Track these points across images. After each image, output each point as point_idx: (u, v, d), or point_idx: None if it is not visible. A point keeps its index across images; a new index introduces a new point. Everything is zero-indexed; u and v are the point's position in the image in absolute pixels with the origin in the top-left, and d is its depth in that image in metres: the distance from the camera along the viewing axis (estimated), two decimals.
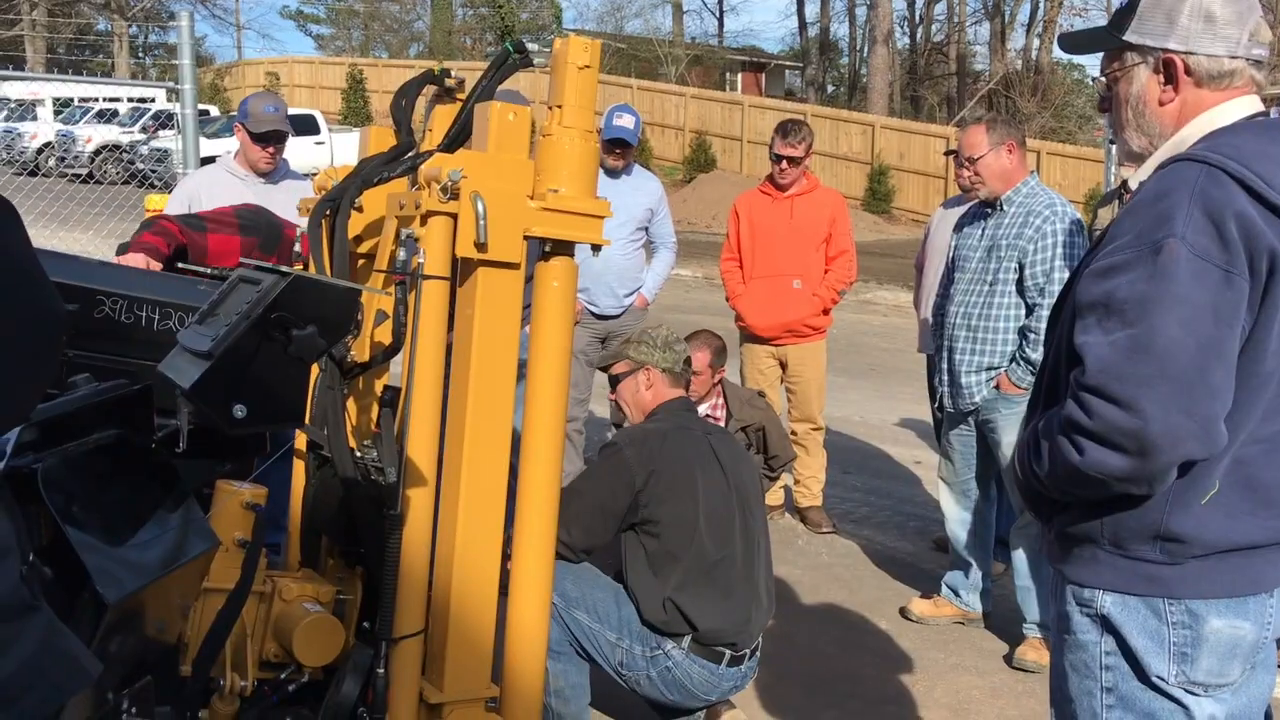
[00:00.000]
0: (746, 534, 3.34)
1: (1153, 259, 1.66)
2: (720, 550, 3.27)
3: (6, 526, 1.18)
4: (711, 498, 3.30)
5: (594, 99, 2.71)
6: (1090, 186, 20.76)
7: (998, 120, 4.44)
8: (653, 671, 3.27)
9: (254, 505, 2.66)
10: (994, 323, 4.19)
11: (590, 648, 3.30)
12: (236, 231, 3.68)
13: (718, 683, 3.30)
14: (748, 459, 3.65)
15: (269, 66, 37.04)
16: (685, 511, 3.26)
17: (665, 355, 3.56)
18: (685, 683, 3.27)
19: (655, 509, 3.26)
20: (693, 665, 3.26)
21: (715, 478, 3.33)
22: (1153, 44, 1.85)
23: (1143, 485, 1.69)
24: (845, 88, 41.01)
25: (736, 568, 3.29)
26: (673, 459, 3.29)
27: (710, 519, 3.27)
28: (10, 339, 1.14)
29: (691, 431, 3.43)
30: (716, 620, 3.24)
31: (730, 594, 3.27)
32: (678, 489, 3.26)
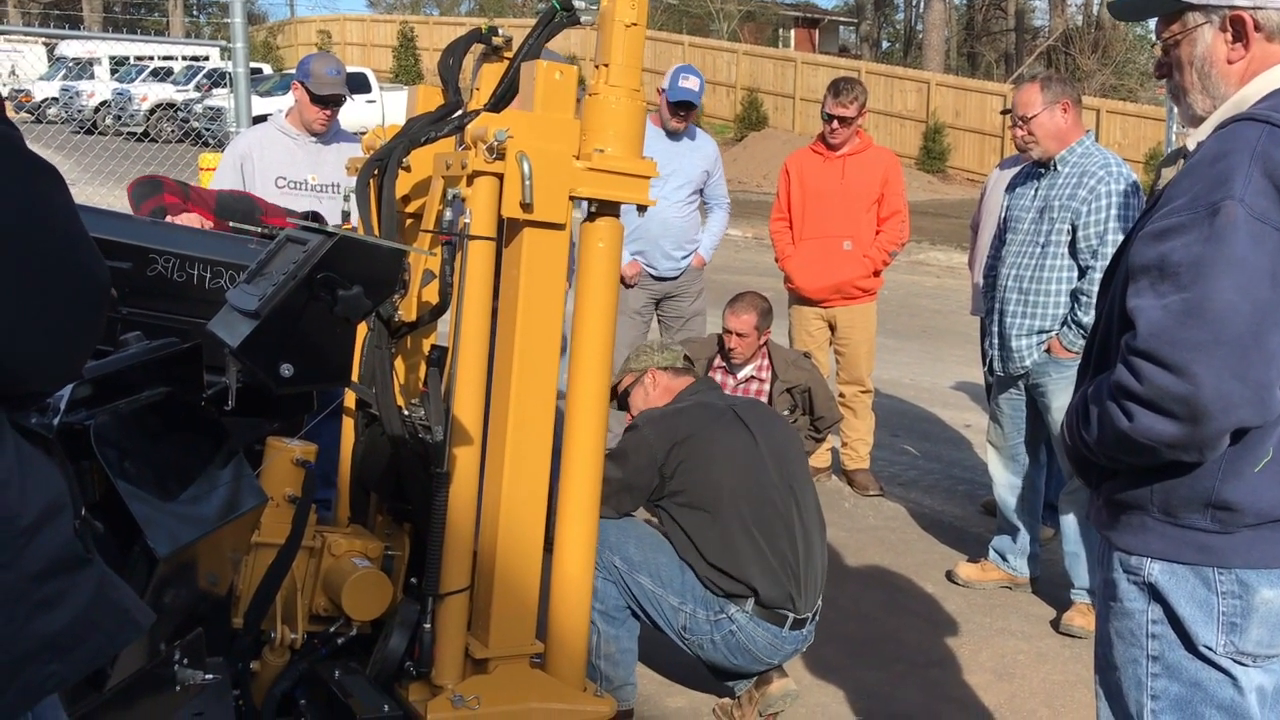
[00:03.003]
0: (785, 492, 3.32)
1: (1209, 221, 1.62)
2: (757, 510, 3.26)
3: (60, 482, 1.20)
4: (739, 460, 3.28)
5: (641, 57, 2.69)
6: (1151, 146, 20.29)
7: (1053, 78, 4.33)
8: (716, 636, 3.27)
9: (304, 461, 2.70)
10: (1046, 285, 4.12)
11: (653, 611, 3.31)
12: (211, 208, 3.78)
13: (780, 645, 3.29)
14: (781, 422, 3.63)
15: (321, 25, 37.16)
16: (712, 477, 3.25)
17: (662, 355, 3.59)
18: (749, 646, 3.27)
19: (682, 479, 3.27)
20: (756, 628, 3.25)
21: (742, 441, 3.32)
22: (1218, 1, 1.78)
23: (1193, 452, 1.66)
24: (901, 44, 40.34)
25: (779, 525, 3.28)
26: (693, 430, 3.30)
27: (741, 481, 3.26)
28: (56, 303, 1.16)
29: (712, 404, 3.44)
30: (769, 578, 3.23)
31: (777, 551, 3.26)
32: (702, 457, 3.26)
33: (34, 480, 1.16)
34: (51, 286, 1.15)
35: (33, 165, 1.16)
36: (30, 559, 1.14)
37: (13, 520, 1.13)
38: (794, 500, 3.33)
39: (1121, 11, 2.00)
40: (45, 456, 1.21)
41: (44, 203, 1.15)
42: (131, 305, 2.59)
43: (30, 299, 1.13)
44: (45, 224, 1.15)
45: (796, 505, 3.33)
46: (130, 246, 2.70)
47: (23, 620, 1.13)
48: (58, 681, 1.18)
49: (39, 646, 1.15)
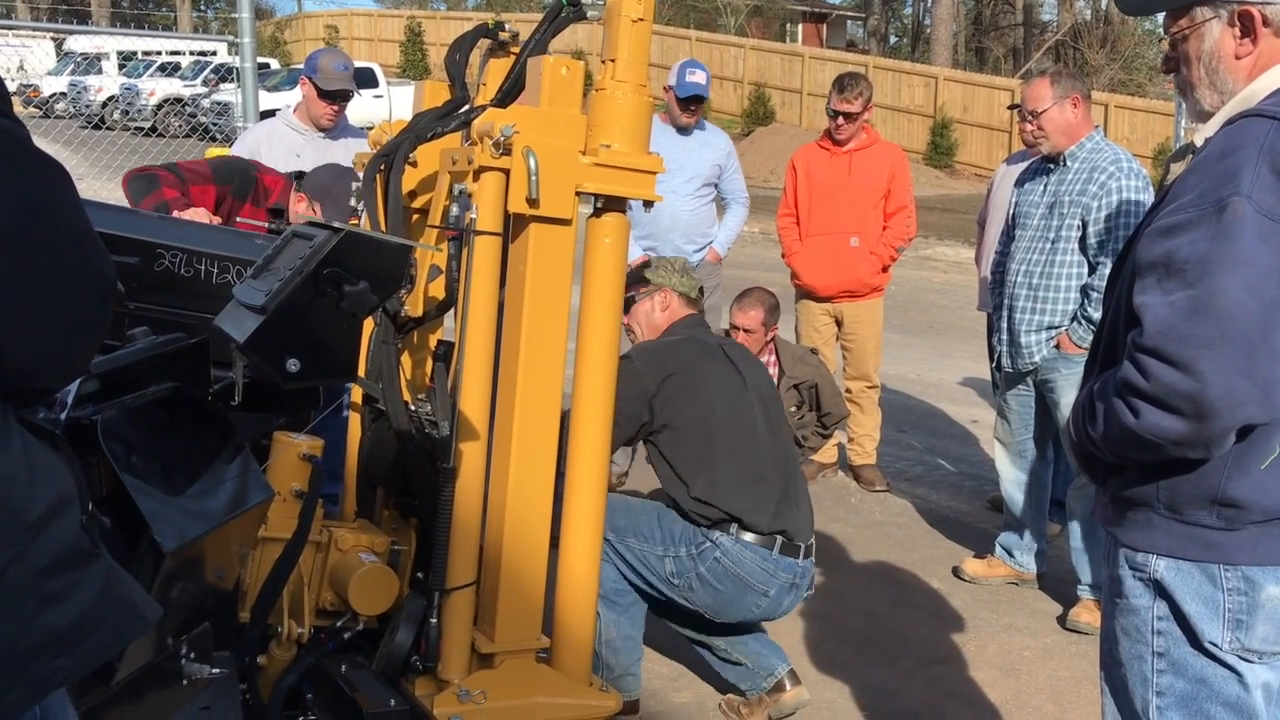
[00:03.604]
0: (770, 429, 3.32)
1: (1216, 218, 1.61)
2: (743, 441, 3.25)
3: (66, 478, 1.21)
4: (726, 395, 3.28)
5: (648, 52, 2.69)
6: (1160, 141, 20.21)
7: (1063, 73, 4.32)
8: (701, 568, 3.22)
9: (311, 456, 2.71)
10: (1055, 281, 4.11)
11: (644, 570, 3.29)
12: (211, 181, 3.81)
13: (773, 570, 3.22)
14: (765, 371, 3.65)
15: (328, 19, 37.18)
16: (701, 409, 3.25)
17: (682, 280, 3.54)
18: (738, 570, 3.20)
19: (672, 412, 3.25)
20: (743, 551, 3.20)
21: (730, 378, 3.32)
22: None
23: (1199, 450, 1.66)
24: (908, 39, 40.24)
25: (764, 457, 3.26)
26: (684, 363, 3.29)
27: (728, 414, 3.26)
28: (63, 299, 1.16)
29: (704, 340, 3.44)
30: (753, 503, 3.21)
31: (764, 479, 3.24)
32: (691, 389, 3.26)
33: (41, 475, 1.17)
34: (59, 283, 1.15)
35: (40, 162, 1.17)
36: (38, 553, 1.14)
37: (20, 515, 1.13)
38: (776, 440, 3.34)
39: (1129, 6, 2.00)
40: (52, 452, 1.21)
41: (51, 200, 1.16)
42: (139, 300, 2.60)
43: (38, 296, 1.14)
44: (52, 221, 1.15)
45: (779, 445, 3.34)
46: (137, 241, 2.71)
47: (30, 614, 1.14)
48: (65, 676, 1.19)
49: (47, 641, 1.15)
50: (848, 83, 5.49)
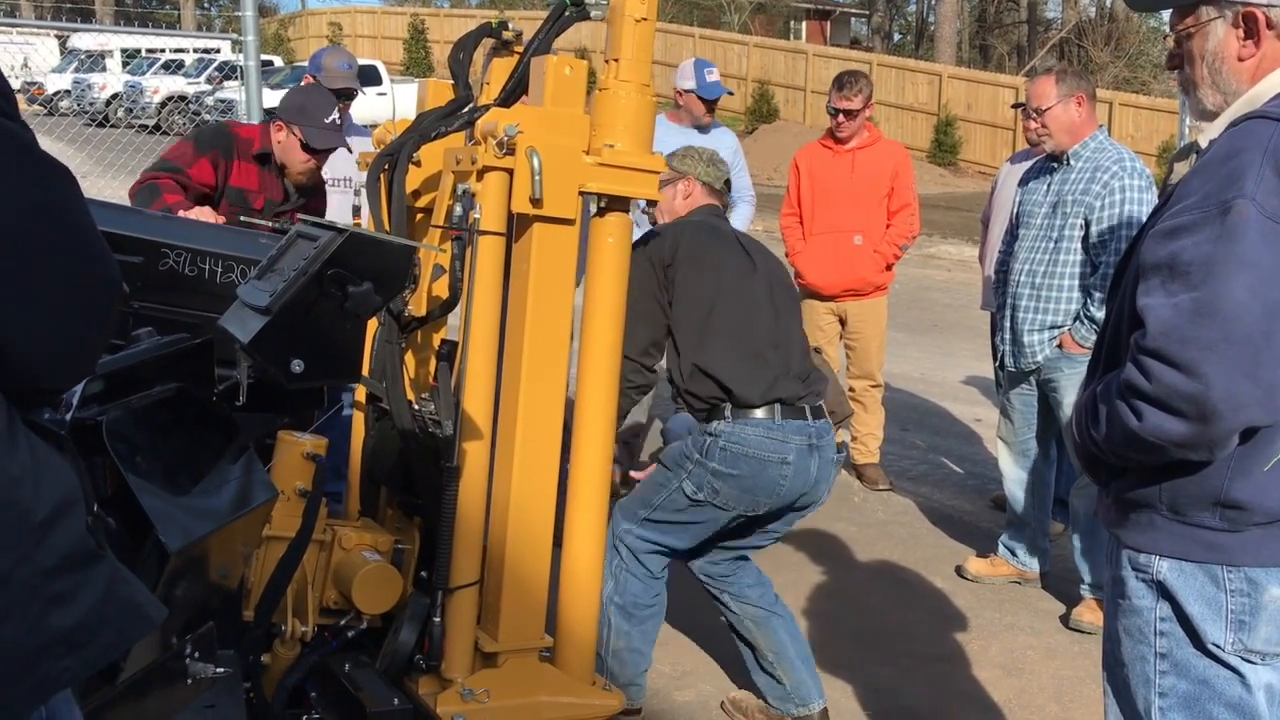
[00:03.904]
0: (775, 313, 3.25)
1: (1220, 220, 1.62)
2: (745, 321, 3.18)
3: (72, 479, 1.21)
4: (734, 275, 3.22)
5: (651, 52, 2.69)
6: (1164, 139, 20.18)
7: (1068, 72, 4.31)
8: (712, 464, 3.11)
9: (314, 456, 2.71)
10: (1058, 280, 4.11)
11: (675, 517, 3.19)
12: (200, 154, 3.84)
13: (781, 436, 3.11)
14: (780, 264, 3.51)
15: (332, 17, 37.19)
16: (706, 284, 3.18)
17: (709, 170, 3.46)
18: (745, 449, 3.10)
19: (679, 284, 3.19)
20: (744, 428, 3.12)
21: (739, 261, 3.26)
22: None
23: (1202, 452, 1.66)
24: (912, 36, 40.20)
25: (764, 337, 3.20)
26: (693, 239, 3.24)
27: (733, 293, 3.20)
28: (68, 301, 1.17)
29: (718, 225, 3.38)
30: (747, 378, 3.13)
31: (761, 357, 3.17)
32: (698, 263, 3.20)
33: (47, 477, 1.17)
34: (64, 285, 1.16)
35: (45, 165, 1.17)
36: (44, 555, 1.15)
37: (27, 516, 1.14)
38: (780, 324, 3.25)
39: (1137, 2, 1.99)
40: (58, 453, 1.22)
41: (58, 202, 1.16)
42: (143, 300, 2.61)
43: (43, 298, 1.14)
44: (59, 224, 1.16)
45: (783, 328, 3.26)
46: (142, 241, 2.72)
47: (36, 616, 1.14)
48: (71, 676, 1.19)
49: (52, 641, 1.16)
50: (847, 80, 5.50)
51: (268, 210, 3.97)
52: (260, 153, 3.95)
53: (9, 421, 1.14)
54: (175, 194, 3.68)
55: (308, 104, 3.98)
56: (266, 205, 3.98)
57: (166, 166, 3.79)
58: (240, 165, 3.89)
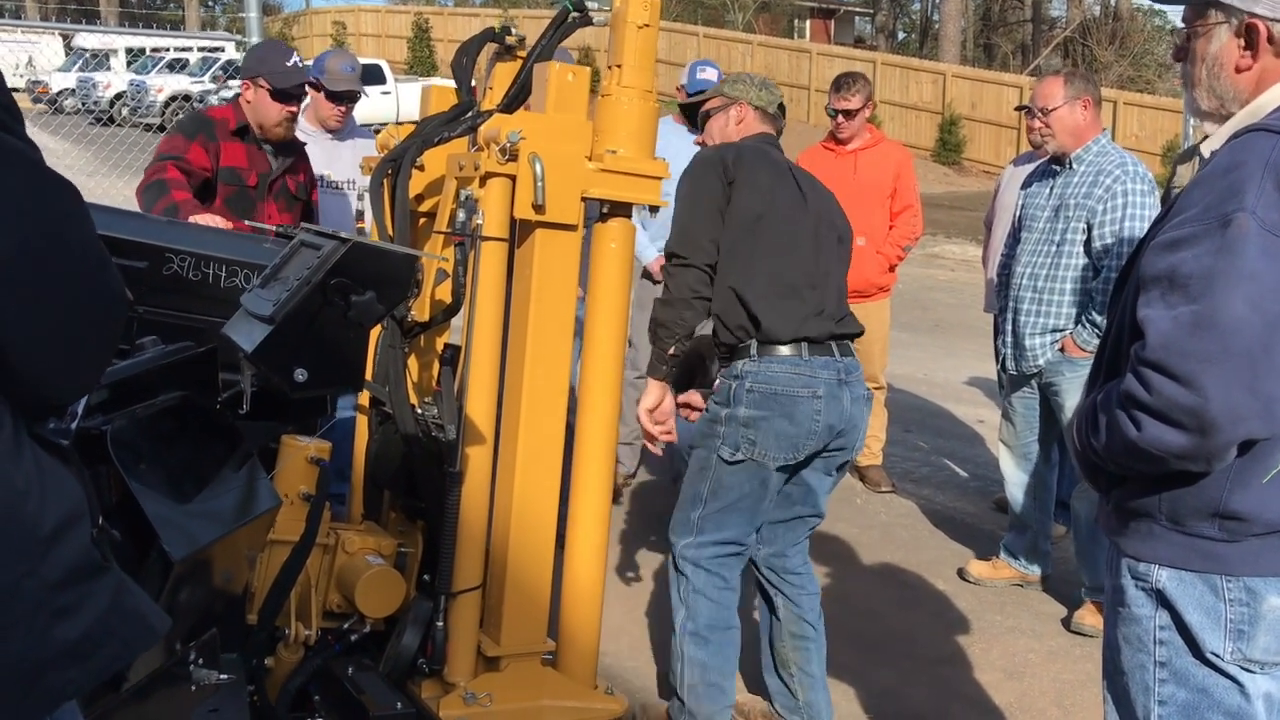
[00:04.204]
0: (816, 250, 3.10)
1: (1221, 233, 1.62)
2: (786, 252, 3.04)
3: (77, 491, 1.22)
4: (784, 205, 3.07)
5: (654, 58, 2.70)
6: (1169, 138, 20.16)
7: (1076, 74, 4.29)
8: (742, 410, 2.98)
9: (318, 460, 2.72)
10: (1060, 284, 4.11)
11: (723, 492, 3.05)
12: (188, 139, 3.87)
13: (809, 370, 2.99)
14: (834, 205, 3.28)
15: (336, 15, 37.20)
16: (754, 207, 3.02)
17: (761, 94, 3.32)
18: (772, 387, 2.97)
19: (733, 201, 3.04)
20: (769, 365, 2.99)
21: (791, 193, 3.11)
22: (1240, 5, 1.77)
23: (1201, 463, 1.66)
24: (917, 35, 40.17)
25: (802, 273, 3.06)
26: (755, 163, 3.08)
27: (779, 222, 3.05)
28: (74, 318, 1.18)
29: (773, 154, 3.20)
30: (777, 314, 2.99)
31: (797, 293, 3.03)
32: (754, 188, 3.04)
33: (53, 490, 1.18)
34: (70, 302, 1.17)
35: (53, 182, 1.18)
36: (50, 567, 1.16)
37: (33, 530, 1.15)
38: (820, 262, 3.11)
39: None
40: (63, 466, 1.23)
41: (64, 220, 1.17)
42: (148, 303, 2.62)
43: (49, 315, 1.15)
44: (65, 241, 1.17)
45: (823, 267, 3.11)
46: (147, 246, 2.72)
47: (42, 628, 1.15)
48: (76, 688, 1.20)
49: (58, 654, 1.17)
50: (844, 81, 5.49)
51: (261, 186, 3.99)
52: (238, 128, 3.98)
53: (15, 435, 1.15)
54: (182, 190, 3.70)
55: (265, 54, 4.07)
56: (260, 181, 4.00)
57: (167, 157, 3.82)
58: (225, 145, 3.94)
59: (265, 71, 3.94)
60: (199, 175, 3.84)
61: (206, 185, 3.88)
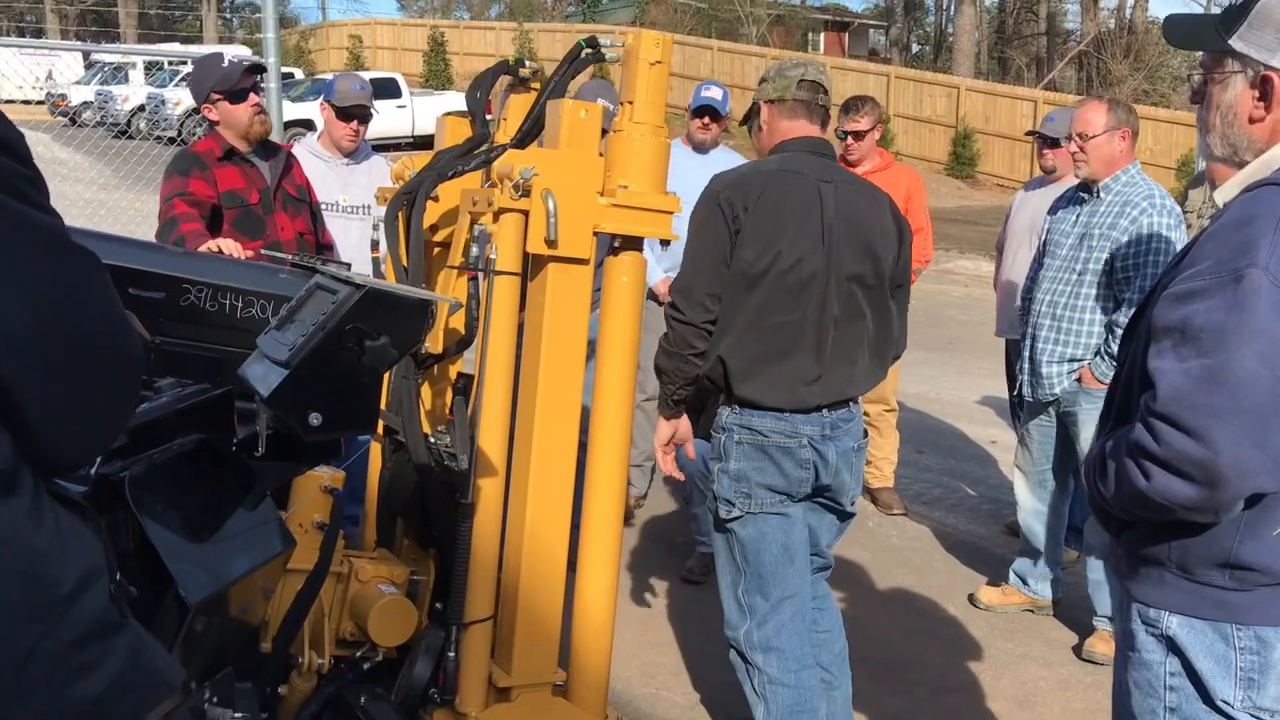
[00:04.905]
0: (826, 307, 2.96)
1: (1233, 288, 1.63)
2: (787, 313, 2.93)
3: (96, 548, 1.25)
4: (794, 255, 2.92)
5: (665, 95, 2.72)
6: (1183, 152, 20.12)
7: (1120, 103, 4.21)
8: (732, 464, 2.96)
9: (332, 489, 2.74)
10: (1079, 314, 4.06)
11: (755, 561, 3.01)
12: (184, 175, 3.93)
13: (791, 424, 2.94)
14: (875, 216, 3.07)
15: (352, 29, 37.42)
16: (756, 265, 2.92)
17: (776, 83, 3.10)
18: (757, 438, 2.95)
19: (741, 250, 2.94)
20: (751, 416, 2.95)
21: (807, 240, 2.93)
22: (1256, 56, 1.77)
23: (1209, 515, 1.67)
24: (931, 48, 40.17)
25: (803, 340, 2.95)
26: (767, 204, 2.92)
27: (780, 281, 2.92)
28: (93, 383, 1.20)
29: (802, 176, 2.98)
30: (764, 381, 2.93)
31: (788, 360, 2.93)
32: (756, 239, 2.92)
33: (72, 548, 1.20)
34: (88, 369, 1.19)
35: (74, 253, 1.21)
36: (69, 626, 1.18)
37: (53, 589, 1.17)
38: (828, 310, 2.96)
39: (1174, 38, 1.97)
40: (82, 522, 1.25)
41: (83, 288, 1.20)
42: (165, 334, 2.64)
43: (69, 381, 1.18)
44: (85, 311, 1.19)
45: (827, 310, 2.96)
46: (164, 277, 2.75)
47: (60, 687, 1.17)
48: None
49: (76, 712, 1.19)
50: (854, 103, 5.49)
51: (265, 200, 4.03)
52: (224, 153, 4.02)
53: (35, 495, 1.17)
54: (190, 221, 3.75)
55: (201, 74, 4.11)
56: (262, 196, 4.04)
57: (172, 195, 3.87)
58: (218, 172, 3.99)
59: (211, 87, 4.02)
60: (206, 204, 3.89)
61: (215, 213, 3.93)
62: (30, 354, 1.12)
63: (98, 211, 9.80)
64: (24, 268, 1.13)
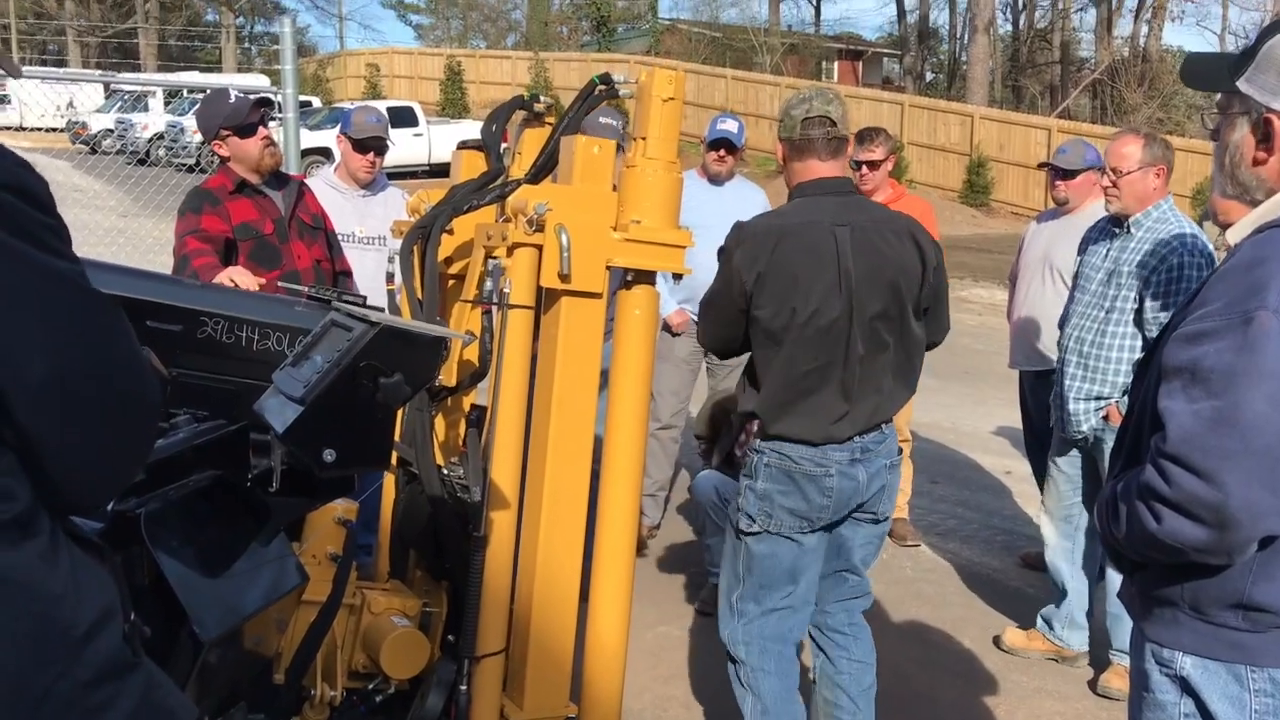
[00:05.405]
0: (849, 349, 3.03)
1: (1243, 330, 1.63)
2: (812, 361, 3.02)
3: (111, 589, 1.26)
4: (811, 308, 3.00)
5: (678, 131, 2.74)
6: (1198, 180, 20.05)
7: (1157, 139, 4.09)
8: (759, 484, 3.06)
9: (346, 521, 2.76)
10: (1107, 351, 3.99)
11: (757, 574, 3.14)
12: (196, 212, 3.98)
13: (821, 454, 3.03)
14: (895, 251, 3.10)
15: (369, 58, 37.76)
16: (775, 323, 3.02)
17: (783, 124, 3.14)
18: (786, 464, 3.04)
19: (757, 310, 3.05)
20: (783, 444, 3.05)
21: (823, 288, 3.00)
22: (1258, 98, 1.79)
23: (1221, 557, 1.67)
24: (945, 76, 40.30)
25: (829, 380, 3.04)
26: (781, 261, 3.01)
27: (804, 328, 3.01)
28: (111, 430, 1.22)
29: (816, 225, 3.04)
30: (794, 423, 3.04)
31: (814, 397, 3.04)
32: (778, 294, 3.01)
33: (87, 589, 1.22)
34: (107, 414, 1.21)
35: (95, 302, 1.23)
36: (83, 667, 1.19)
37: (68, 631, 1.18)
38: (851, 345, 3.04)
39: (1191, 77, 1.98)
40: (98, 563, 1.27)
41: (102, 335, 1.22)
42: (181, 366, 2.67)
43: (87, 427, 1.20)
44: (103, 356, 1.21)
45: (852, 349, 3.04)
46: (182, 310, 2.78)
47: None
48: None
49: None
50: (867, 134, 5.51)
51: (280, 230, 4.06)
52: (235, 186, 4.06)
53: (52, 538, 1.19)
54: (202, 256, 3.79)
55: (209, 110, 4.14)
56: (276, 226, 4.07)
57: (185, 234, 3.91)
58: (231, 206, 4.02)
59: (220, 123, 4.05)
60: (219, 239, 3.93)
61: (230, 246, 3.96)
62: (50, 400, 1.14)
63: (116, 240, 9.89)
64: (45, 316, 1.15)
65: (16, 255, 1.13)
